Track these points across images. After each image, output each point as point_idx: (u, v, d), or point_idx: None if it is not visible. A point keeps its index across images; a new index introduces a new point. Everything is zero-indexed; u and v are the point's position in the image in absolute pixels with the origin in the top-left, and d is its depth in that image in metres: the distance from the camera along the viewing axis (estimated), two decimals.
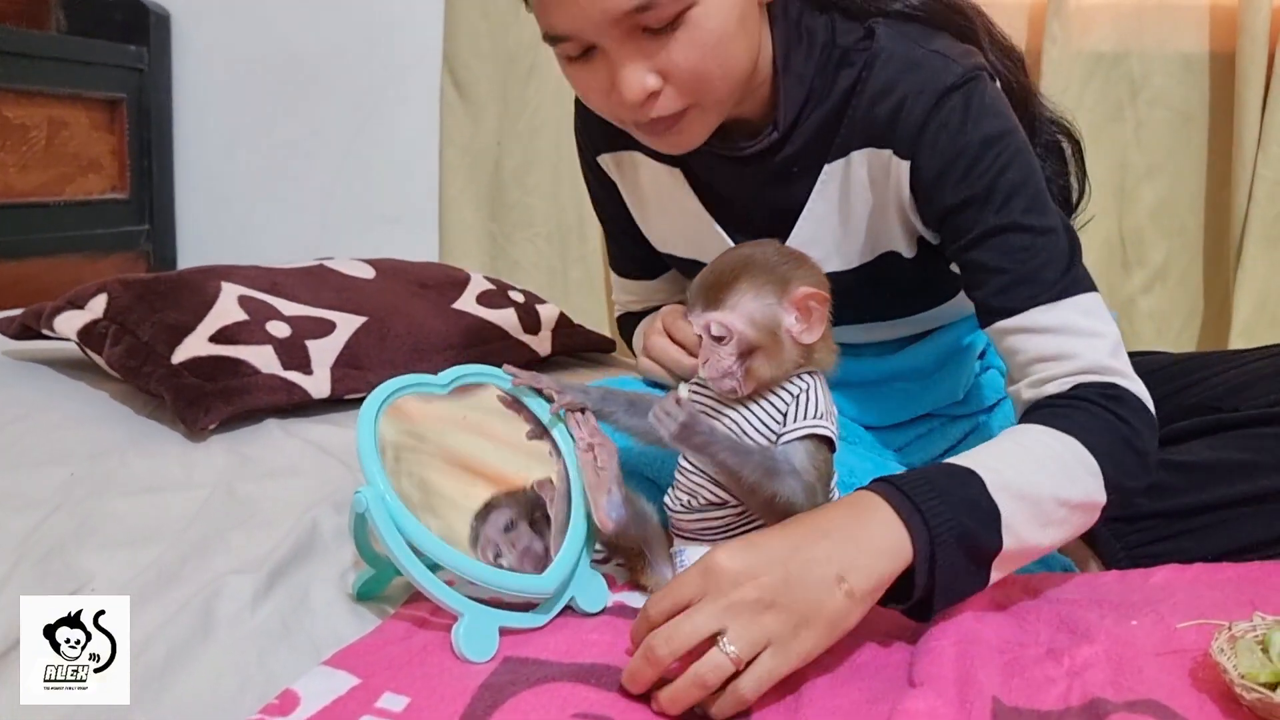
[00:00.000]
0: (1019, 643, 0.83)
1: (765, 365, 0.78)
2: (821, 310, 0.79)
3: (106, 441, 1.13)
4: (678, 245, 1.15)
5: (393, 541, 0.76)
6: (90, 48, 1.87)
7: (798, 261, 0.81)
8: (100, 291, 1.28)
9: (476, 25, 1.82)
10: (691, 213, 1.10)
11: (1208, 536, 1.02)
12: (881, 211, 1.02)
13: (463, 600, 0.77)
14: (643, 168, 1.12)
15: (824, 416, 0.80)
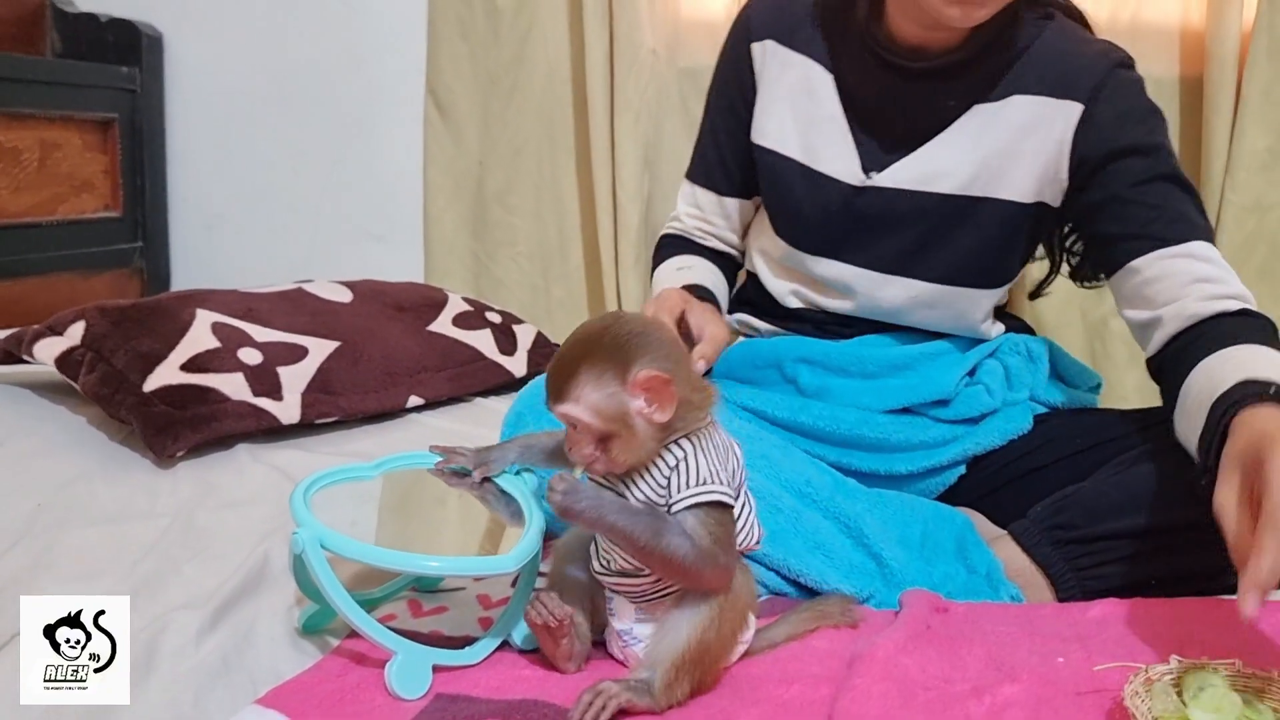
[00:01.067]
0: (945, 679, 0.85)
1: (624, 451, 0.77)
2: (667, 389, 0.76)
3: (77, 469, 1.15)
4: (790, 144, 1.26)
5: (327, 582, 0.79)
6: (83, 70, 1.91)
7: (642, 339, 0.78)
8: (79, 318, 1.31)
9: (457, 47, 1.84)
10: (826, 116, 1.24)
11: (1154, 560, 1.03)
12: (1019, 155, 1.17)
13: (396, 638, 0.80)
14: (793, 67, 1.26)
15: (709, 480, 0.78)
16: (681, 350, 0.82)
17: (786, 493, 1.07)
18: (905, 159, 1.21)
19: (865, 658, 0.85)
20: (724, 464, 0.81)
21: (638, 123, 1.74)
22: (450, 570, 0.82)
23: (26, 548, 0.96)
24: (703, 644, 0.79)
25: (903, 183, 1.21)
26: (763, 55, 1.28)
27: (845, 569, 1.04)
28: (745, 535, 0.84)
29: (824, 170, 1.23)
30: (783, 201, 1.27)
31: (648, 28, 1.73)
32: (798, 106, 1.25)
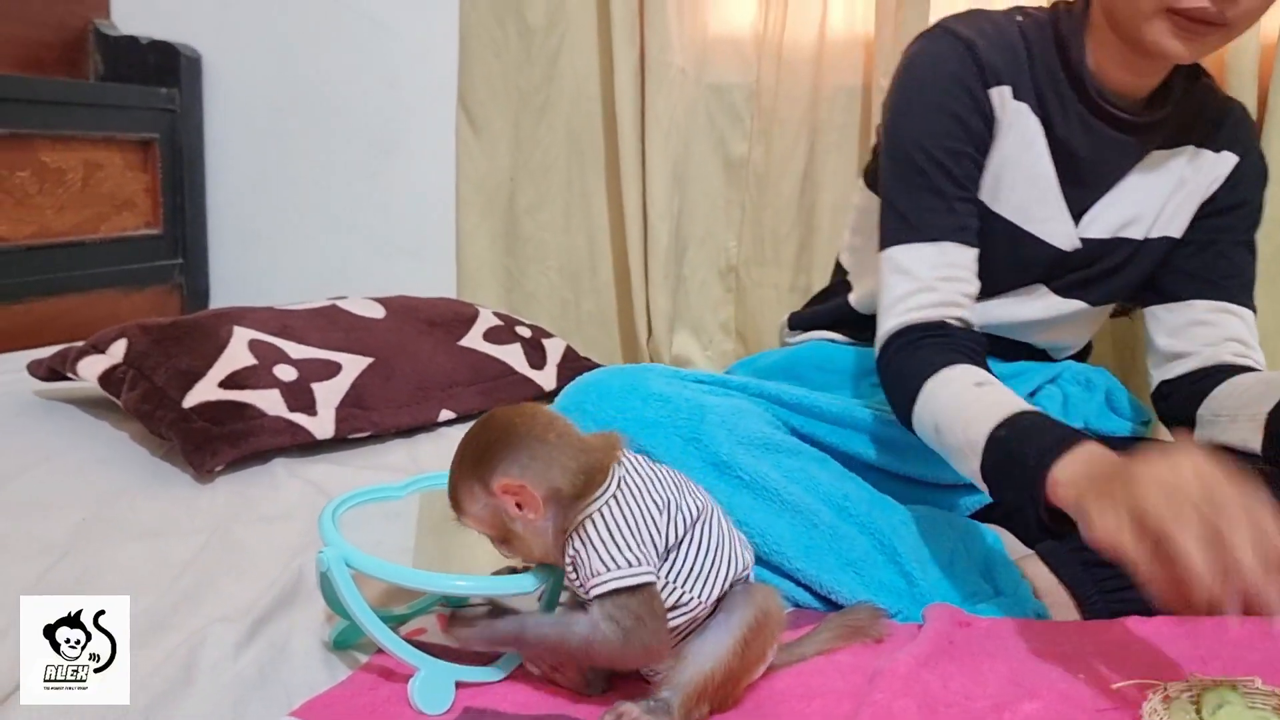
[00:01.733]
0: (966, 695, 0.86)
1: (524, 547, 0.81)
2: (524, 493, 0.77)
3: (120, 484, 1.19)
4: (1001, 201, 1.19)
5: (352, 600, 0.81)
6: (124, 92, 1.96)
7: (500, 445, 0.78)
8: (121, 337, 1.35)
9: (490, 65, 1.87)
10: (1041, 174, 1.19)
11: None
12: (1183, 198, 1.23)
13: (419, 655, 0.82)
14: (1016, 116, 1.17)
15: (607, 566, 0.77)
16: (545, 440, 0.79)
17: (825, 507, 1.07)
18: (1098, 205, 1.22)
19: (887, 673, 0.86)
20: (631, 536, 0.78)
21: (667, 140, 1.76)
22: (469, 590, 0.84)
23: (73, 561, 0.99)
24: (728, 670, 0.80)
25: (1100, 232, 1.23)
26: (1001, 103, 1.16)
27: (875, 587, 1.05)
28: (708, 577, 0.81)
29: (1036, 233, 1.20)
30: (983, 257, 1.17)
31: (676, 46, 1.75)
32: (1015, 161, 1.18)
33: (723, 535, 0.83)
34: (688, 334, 1.88)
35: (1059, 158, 1.18)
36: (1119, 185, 1.22)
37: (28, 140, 1.74)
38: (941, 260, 1.13)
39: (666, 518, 0.80)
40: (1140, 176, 1.22)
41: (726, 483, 1.05)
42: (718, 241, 1.86)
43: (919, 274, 1.13)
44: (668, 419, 1.07)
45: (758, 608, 0.82)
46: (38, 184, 1.76)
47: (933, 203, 1.14)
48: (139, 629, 0.88)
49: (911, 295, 1.12)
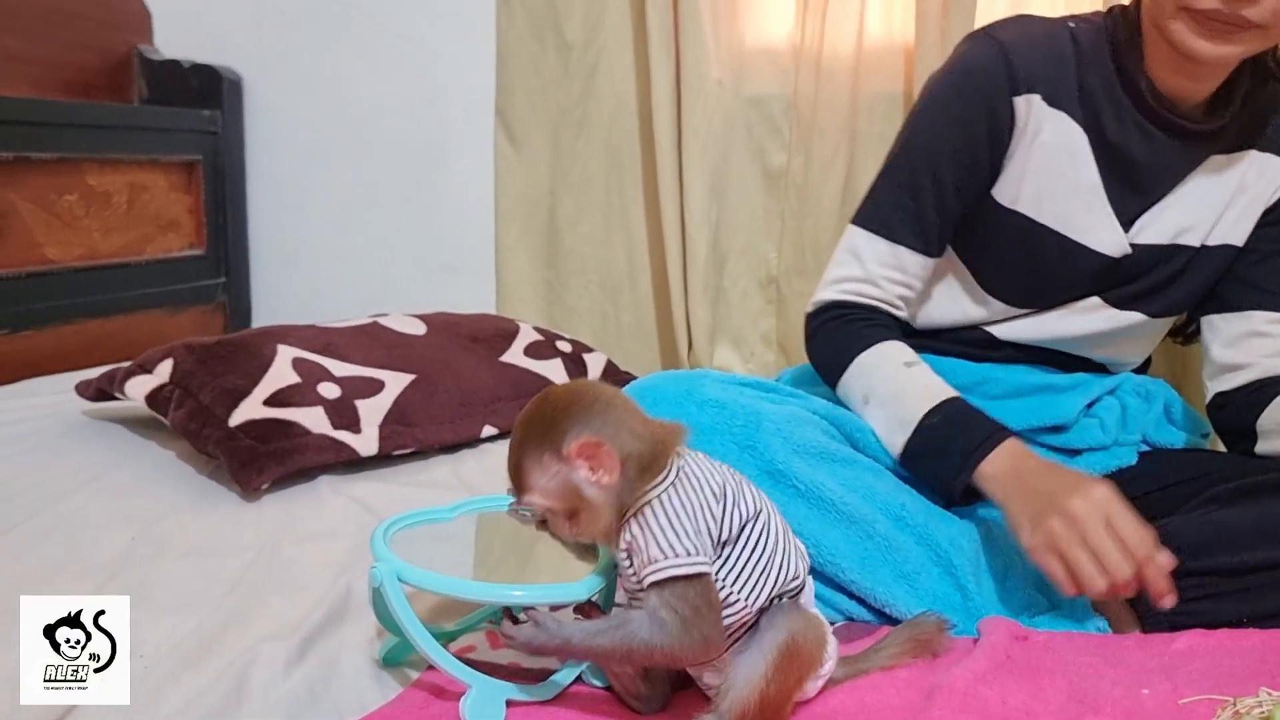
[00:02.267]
0: (1027, 711, 0.84)
1: (591, 521, 0.78)
2: (601, 450, 0.75)
3: (168, 503, 1.20)
4: (1044, 211, 1.17)
5: (405, 615, 0.80)
6: (167, 115, 1.98)
7: (568, 411, 0.77)
8: (167, 356, 1.36)
9: (528, 81, 1.88)
10: (1087, 183, 1.17)
11: (1247, 599, 1.00)
12: (1245, 204, 1.20)
13: (470, 672, 0.81)
14: (1052, 125, 1.15)
15: (665, 554, 0.75)
16: (614, 407, 0.78)
17: (882, 517, 1.06)
18: (1153, 211, 1.19)
19: (944, 688, 0.84)
20: (689, 525, 0.77)
21: (705, 152, 1.76)
22: (523, 600, 0.82)
23: (124, 579, 1.00)
24: (763, 698, 0.78)
25: (1154, 238, 1.20)
26: (1027, 110, 1.15)
27: (929, 600, 1.03)
28: (759, 580, 0.80)
29: (1084, 242, 1.18)
30: (1026, 268, 1.20)
31: (713, 58, 1.74)
32: (1054, 169, 1.16)
33: (776, 540, 0.82)
34: (728, 346, 1.87)
35: (1109, 164, 1.16)
36: (1176, 190, 1.19)
37: (75, 164, 1.76)
38: (892, 260, 1.20)
39: (723, 509, 0.79)
40: (1198, 182, 1.19)
41: (781, 491, 1.04)
42: (758, 252, 1.85)
43: (868, 264, 1.21)
44: (724, 425, 1.06)
45: (789, 632, 0.80)
46: (85, 207, 1.78)
47: (908, 206, 1.19)
48: (189, 648, 0.88)
49: (855, 281, 1.21)
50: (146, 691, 0.81)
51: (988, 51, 1.15)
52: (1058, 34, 1.17)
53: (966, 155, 1.17)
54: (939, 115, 1.18)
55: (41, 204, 1.71)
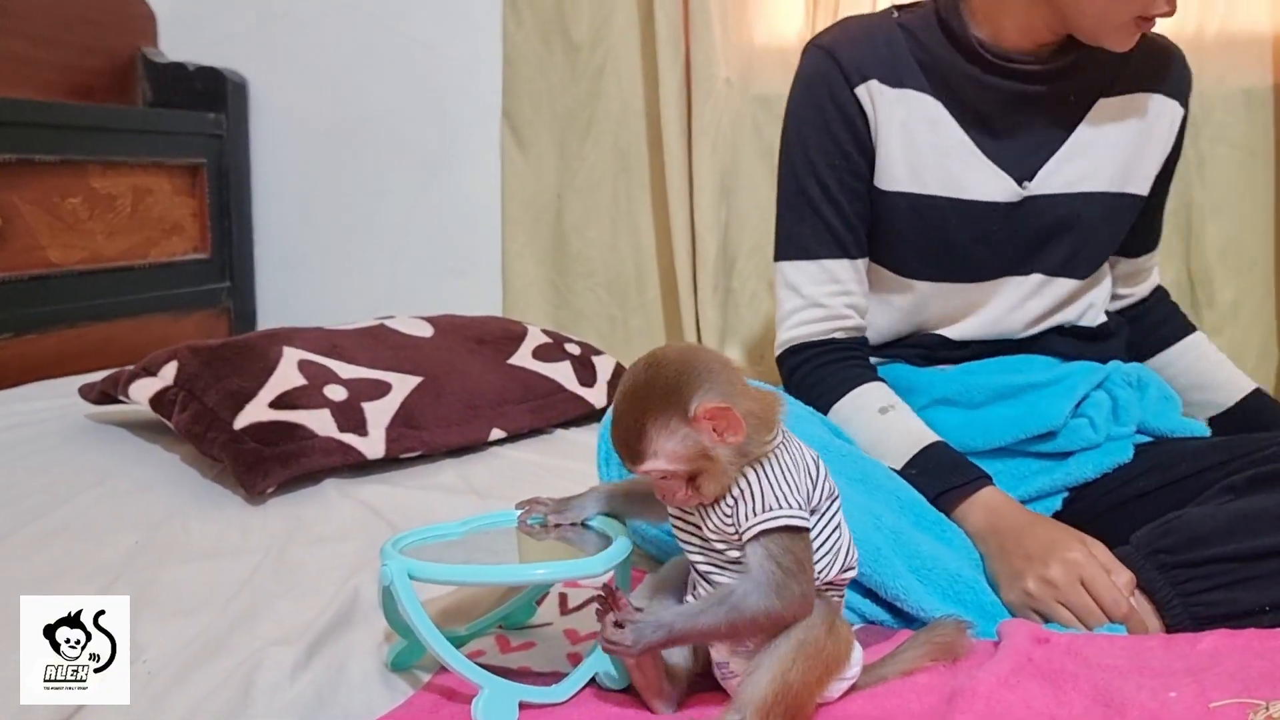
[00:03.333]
0: (1051, 716, 0.82)
1: (711, 482, 0.76)
2: (729, 414, 0.75)
3: (172, 506, 1.18)
4: (927, 181, 1.20)
5: (415, 614, 0.78)
6: (172, 118, 1.97)
7: (690, 374, 0.76)
8: (171, 359, 1.35)
9: (535, 83, 1.87)
10: (956, 144, 1.20)
11: (1268, 585, 0.99)
12: (1140, 151, 1.23)
13: (483, 673, 0.79)
14: (901, 104, 1.20)
15: (775, 505, 0.76)
16: (727, 367, 0.79)
17: (891, 509, 1.05)
18: (1050, 162, 1.21)
19: (966, 693, 0.82)
20: (796, 482, 0.77)
21: (715, 152, 1.74)
22: (543, 578, 0.80)
23: (127, 583, 0.98)
24: (786, 686, 0.76)
25: (1056, 187, 1.22)
26: (869, 98, 1.20)
27: (941, 594, 1.02)
28: (830, 559, 0.80)
29: (973, 197, 1.20)
30: (929, 240, 1.22)
31: (722, 58, 1.73)
32: (920, 142, 1.20)
33: (843, 526, 0.82)
34: (738, 348, 1.85)
35: (971, 123, 1.20)
36: (1073, 139, 1.22)
37: (79, 167, 1.75)
38: (823, 275, 1.23)
39: (818, 478, 0.80)
40: (1095, 128, 1.22)
41: None
42: (767, 253, 1.82)
43: (803, 290, 1.23)
44: None
45: (820, 628, 0.78)
46: (89, 210, 1.78)
47: (813, 221, 1.22)
48: (193, 652, 0.87)
49: (800, 310, 1.24)
50: (150, 696, 0.79)
51: (817, 57, 1.23)
52: (881, 24, 1.24)
53: (837, 155, 1.21)
54: (800, 128, 1.24)
55: (45, 207, 1.70)
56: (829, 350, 1.24)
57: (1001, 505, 1.08)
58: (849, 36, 1.23)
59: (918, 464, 1.11)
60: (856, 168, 1.21)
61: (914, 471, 1.11)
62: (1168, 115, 1.25)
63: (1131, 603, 0.99)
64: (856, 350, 1.25)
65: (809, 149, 1.22)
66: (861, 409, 1.19)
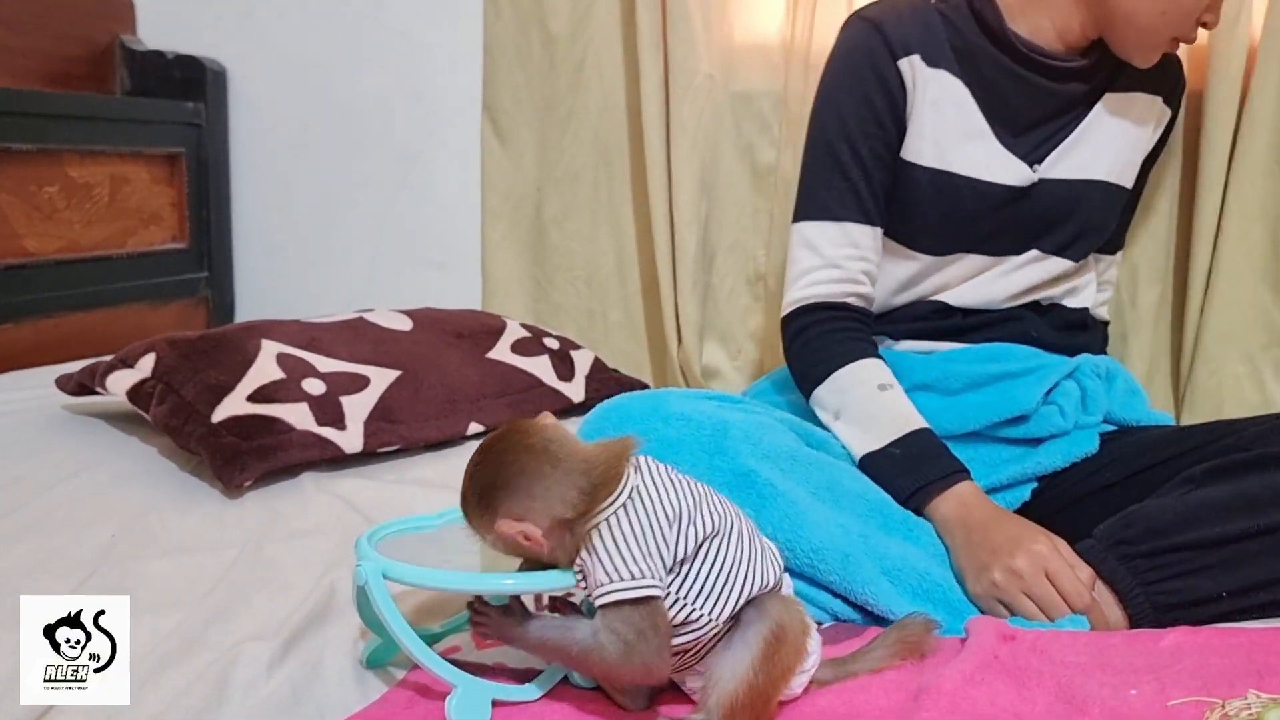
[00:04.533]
0: (1015, 713, 0.84)
1: (551, 556, 0.78)
2: (526, 529, 0.76)
3: (149, 500, 1.18)
4: (950, 159, 1.26)
5: (389, 614, 0.79)
6: (150, 107, 1.96)
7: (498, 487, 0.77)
8: (149, 351, 1.35)
9: (515, 75, 1.86)
10: (976, 129, 1.26)
11: (1225, 572, 1.02)
12: (1132, 146, 1.33)
13: (455, 672, 0.80)
14: (934, 83, 1.26)
15: (610, 577, 0.75)
16: (541, 471, 0.77)
17: (858, 514, 1.07)
18: (1061, 149, 1.29)
19: (932, 690, 0.84)
20: (645, 543, 0.76)
21: (694, 147, 1.75)
22: (512, 589, 0.81)
23: (104, 577, 0.98)
24: (751, 688, 0.78)
25: (1065, 173, 1.29)
26: (911, 71, 1.25)
27: (911, 594, 1.04)
28: (723, 593, 0.79)
29: (989, 178, 1.26)
30: (944, 215, 1.28)
31: (703, 53, 1.73)
32: (946, 121, 1.26)
33: (743, 551, 0.81)
34: (716, 343, 1.86)
35: (993, 109, 1.27)
36: (1080, 129, 1.29)
37: (55, 155, 1.74)
38: (844, 239, 1.26)
39: (677, 531, 0.78)
40: (1101, 120, 1.30)
41: (753, 495, 1.04)
42: (746, 250, 1.84)
43: (823, 251, 1.26)
44: (690, 436, 1.07)
45: (773, 621, 0.80)
46: (65, 199, 1.76)
47: (840, 184, 1.26)
48: (171, 647, 0.87)
49: (816, 270, 1.26)
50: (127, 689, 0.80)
51: (863, 29, 1.27)
52: (922, 8, 1.29)
53: (873, 123, 1.25)
54: (838, 95, 1.27)
55: (21, 195, 1.69)
56: (839, 318, 1.26)
57: (973, 499, 1.11)
58: (895, 12, 1.28)
59: (903, 445, 1.15)
60: (889, 137, 1.27)
61: (898, 451, 1.14)
62: (1155, 116, 1.34)
63: (1093, 596, 1.01)
64: (864, 323, 1.28)
65: (845, 115, 1.26)
66: (862, 381, 1.21)
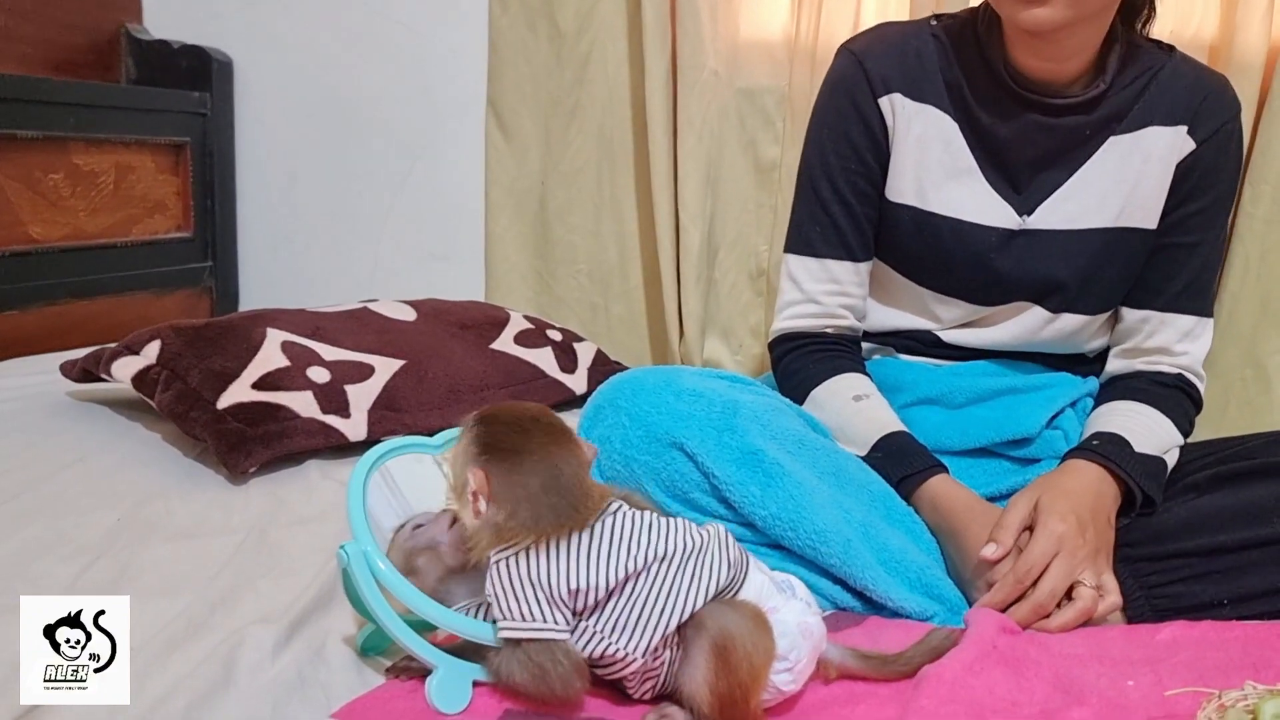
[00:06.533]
0: (1013, 702, 0.85)
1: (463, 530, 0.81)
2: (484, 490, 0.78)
3: (155, 485, 1.19)
4: (930, 198, 1.22)
5: (370, 593, 0.80)
6: (156, 96, 1.97)
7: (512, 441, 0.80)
8: (154, 338, 1.35)
9: (520, 68, 1.87)
10: (965, 167, 1.21)
11: (1227, 579, 1.03)
12: (1146, 182, 1.20)
13: (437, 653, 0.81)
14: (920, 118, 1.21)
15: (504, 616, 0.78)
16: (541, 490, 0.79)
17: (860, 501, 1.08)
18: (1054, 198, 1.21)
19: (932, 678, 0.85)
20: (550, 586, 0.78)
21: (700, 143, 1.76)
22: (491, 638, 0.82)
23: (109, 562, 0.99)
24: (721, 698, 0.78)
25: (1056, 223, 1.21)
26: (891, 109, 1.22)
27: (909, 584, 1.05)
28: (641, 627, 0.79)
29: (972, 219, 1.21)
30: (928, 254, 1.24)
31: (710, 49, 1.74)
32: (930, 159, 1.22)
33: (666, 585, 0.80)
34: (717, 337, 1.87)
35: (983, 147, 1.21)
36: (1079, 175, 1.20)
37: (61, 143, 1.75)
38: (824, 274, 1.27)
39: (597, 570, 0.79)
40: (1103, 165, 1.20)
41: (760, 474, 1.04)
42: (748, 245, 1.85)
43: (803, 285, 1.28)
44: (701, 412, 1.07)
45: (710, 634, 0.79)
46: (70, 187, 1.77)
47: (822, 221, 1.26)
48: (177, 629, 0.88)
49: (797, 304, 1.29)
50: (133, 674, 0.80)
51: (845, 62, 1.25)
52: (916, 34, 1.24)
53: (854, 160, 1.24)
54: (820, 130, 1.27)
55: (27, 183, 1.69)
56: (816, 341, 1.28)
57: (950, 491, 1.12)
58: (881, 45, 1.24)
59: (881, 448, 1.15)
60: (870, 173, 1.24)
61: (878, 455, 1.14)
62: (1164, 145, 1.19)
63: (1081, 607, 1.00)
64: (843, 345, 1.29)
65: (826, 150, 1.25)
66: (835, 395, 1.22)
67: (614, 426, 1.08)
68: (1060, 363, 1.31)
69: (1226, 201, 1.24)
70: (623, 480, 1.07)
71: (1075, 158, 1.20)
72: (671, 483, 1.06)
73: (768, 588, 0.85)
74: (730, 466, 1.04)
